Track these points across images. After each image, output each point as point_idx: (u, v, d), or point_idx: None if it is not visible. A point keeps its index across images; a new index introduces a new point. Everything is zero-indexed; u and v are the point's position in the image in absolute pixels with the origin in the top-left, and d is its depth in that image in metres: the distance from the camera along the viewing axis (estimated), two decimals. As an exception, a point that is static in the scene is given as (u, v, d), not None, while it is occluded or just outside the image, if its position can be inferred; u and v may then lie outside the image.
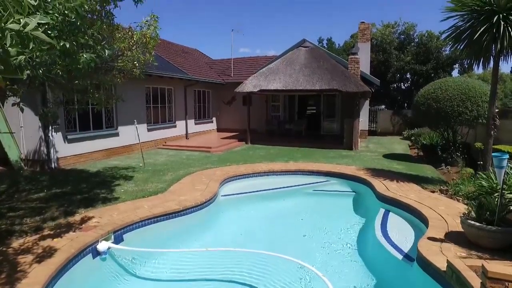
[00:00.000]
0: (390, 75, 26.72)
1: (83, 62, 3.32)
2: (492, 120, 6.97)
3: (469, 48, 6.95)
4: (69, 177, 8.37)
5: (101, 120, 11.37)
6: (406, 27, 27.88)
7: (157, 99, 14.35)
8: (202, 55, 23.68)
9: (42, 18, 1.24)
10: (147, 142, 13.28)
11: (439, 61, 25.66)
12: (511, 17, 6.02)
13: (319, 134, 17.42)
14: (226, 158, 11.37)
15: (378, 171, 8.88)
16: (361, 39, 17.79)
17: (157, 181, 7.92)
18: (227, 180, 8.20)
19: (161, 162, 10.56)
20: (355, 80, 13.05)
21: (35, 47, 1.33)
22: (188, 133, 16.41)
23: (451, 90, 9.64)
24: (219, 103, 19.57)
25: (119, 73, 6.80)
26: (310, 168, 9.18)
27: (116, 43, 6.25)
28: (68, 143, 10.01)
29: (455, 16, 7.05)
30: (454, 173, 8.91)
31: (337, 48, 35.65)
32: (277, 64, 15.16)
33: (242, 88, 14.47)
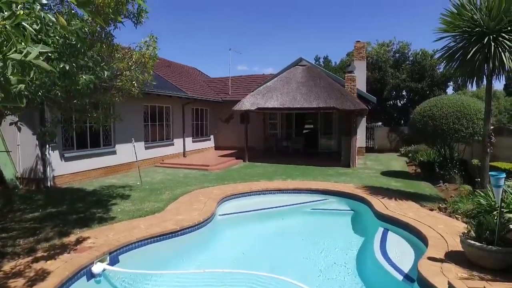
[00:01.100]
0: (386, 93, 27.08)
1: (82, 83, 3.35)
2: (488, 137, 7.03)
3: (462, 67, 7.08)
4: (65, 196, 8.28)
5: (98, 138, 11.36)
6: (401, 46, 28.50)
7: (155, 117, 14.41)
8: (200, 73, 23.97)
9: (43, 47, 1.27)
10: (144, 160, 13.24)
11: (433, 79, 26.10)
12: (501, 38, 6.18)
13: (317, 152, 17.46)
14: (224, 176, 11.32)
15: (376, 189, 8.85)
16: (357, 58, 18.11)
17: (154, 200, 7.84)
18: (225, 199, 8.13)
19: (158, 181, 10.50)
20: (351, 98, 13.19)
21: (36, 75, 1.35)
22: (186, 151, 16.39)
23: (446, 108, 9.75)
24: (217, 121, 19.66)
25: (118, 92, 6.85)
26: (308, 187, 9.14)
27: (115, 63, 6.33)
28: (65, 161, 9.96)
29: (448, 36, 7.22)
30: (452, 190, 8.89)
31: (333, 66, 36.19)
32: (275, 82, 15.34)
33: (240, 106, 14.58)
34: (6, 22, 1.13)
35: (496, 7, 6.20)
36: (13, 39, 1.12)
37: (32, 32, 1.24)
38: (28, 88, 2.26)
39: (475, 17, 6.51)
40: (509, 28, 6.21)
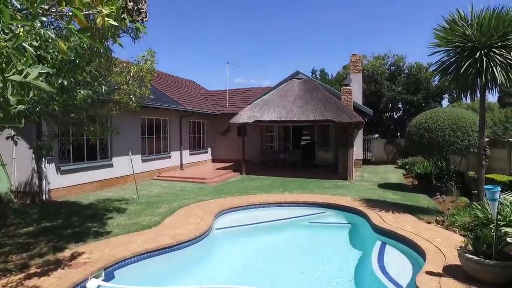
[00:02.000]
0: (382, 105, 27.33)
1: (80, 98, 3.37)
2: (482, 150, 7.09)
3: (456, 81, 7.19)
4: (61, 210, 8.20)
5: (95, 151, 11.33)
6: (396, 59, 28.92)
7: (152, 130, 14.42)
8: (197, 86, 24.12)
9: (43, 68, 1.29)
10: (141, 173, 13.18)
11: (429, 91, 26.42)
12: (492, 53, 6.30)
13: (314, 164, 17.47)
14: (221, 189, 11.27)
15: (373, 202, 8.84)
16: (353, 71, 18.33)
17: (150, 214, 7.78)
18: (222, 212, 8.09)
19: (155, 194, 10.43)
20: (348, 111, 13.30)
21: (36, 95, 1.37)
22: (183, 163, 16.36)
23: (442, 120, 9.84)
24: (214, 134, 19.68)
25: (115, 106, 6.89)
26: (305, 200, 9.12)
27: (113, 77, 6.39)
28: (61, 174, 9.90)
29: (441, 51, 7.36)
30: (449, 203, 8.90)
31: (330, 78, 36.60)
32: (272, 95, 15.46)
33: (237, 119, 14.64)
34: (7, 44, 1.15)
35: (486, 23, 6.35)
36: (14, 60, 1.15)
37: (32, 52, 1.27)
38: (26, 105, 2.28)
39: (467, 33, 6.66)
40: (499, 44, 6.34)
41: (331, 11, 62.59)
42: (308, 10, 63.48)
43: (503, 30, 6.29)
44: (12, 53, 1.17)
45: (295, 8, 63.78)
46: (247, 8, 64.80)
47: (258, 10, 65.42)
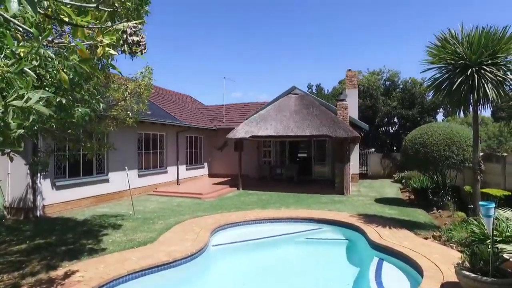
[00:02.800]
0: (378, 119, 27.55)
1: (78, 116, 3.40)
2: (477, 165, 7.16)
3: (449, 97, 7.31)
4: (55, 226, 8.10)
5: (91, 166, 11.28)
6: (391, 74, 29.35)
7: (149, 144, 14.42)
8: (194, 101, 24.28)
9: (44, 93, 1.32)
10: (137, 188, 13.11)
11: (424, 106, 26.71)
12: (483, 71, 6.45)
13: (311, 179, 17.46)
14: (217, 205, 11.21)
15: (370, 217, 8.82)
16: (348, 86, 18.57)
17: (146, 230, 7.71)
18: (219, 228, 8.02)
19: (151, 210, 10.35)
20: (344, 126, 13.41)
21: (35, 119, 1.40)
22: (180, 178, 16.29)
23: (436, 135, 9.94)
24: (211, 149, 19.70)
25: (112, 122, 6.92)
26: (302, 215, 9.09)
27: (111, 93, 6.45)
28: (56, 190, 9.82)
29: (434, 68, 7.52)
30: (446, 217, 8.90)
31: (326, 93, 36.96)
32: (268, 110, 15.58)
33: (234, 134, 14.70)
34: (9, 69, 1.19)
35: (476, 42, 6.53)
36: (16, 86, 1.18)
37: (33, 77, 1.30)
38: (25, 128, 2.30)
39: (458, 51, 6.83)
40: (489, 62, 6.50)
41: (327, 27, 63.86)
42: (305, 26, 64.75)
43: (492, 49, 6.47)
44: (14, 78, 1.20)
45: (292, 24, 65.04)
46: (244, 23, 65.99)
47: (255, 25, 66.61)
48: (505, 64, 6.64)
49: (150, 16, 5.39)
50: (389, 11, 58.36)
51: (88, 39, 1.49)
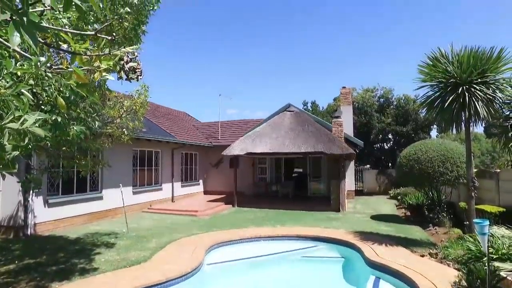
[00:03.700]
0: (373, 136, 27.77)
1: (73, 134, 3.41)
2: (471, 182, 7.21)
3: (442, 114, 7.44)
4: (46, 245, 7.93)
5: (85, 183, 11.16)
6: (384, 92, 29.80)
7: (144, 161, 14.35)
8: (190, 117, 24.37)
9: (40, 114, 1.34)
10: (131, 206, 12.94)
11: (417, 122, 27.02)
12: (473, 89, 6.60)
13: (306, 196, 17.40)
14: (212, 222, 11.09)
15: (366, 234, 8.76)
16: (343, 103, 18.79)
17: (140, 249, 7.58)
18: (214, 247, 7.91)
19: (145, 227, 10.20)
20: (339, 142, 13.49)
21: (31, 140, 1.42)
22: (174, 196, 16.15)
23: (431, 152, 10.03)
24: (206, 166, 19.63)
25: (108, 139, 6.91)
26: (298, 233, 9.00)
27: (106, 110, 6.47)
28: (49, 207, 9.67)
29: (426, 86, 7.68)
30: (442, 234, 8.88)
31: (321, 110, 37.31)
32: (264, 127, 15.67)
33: (229, 151, 14.71)
34: (7, 91, 1.21)
35: (466, 61, 6.71)
36: (12, 108, 1.20)
37: (30, 98, 1.32)
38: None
39: (449, 69, 7.00)
40: (479, 80, 6.66)
41: (322, 45, 65.15)
42: (300, 44, 66.03)
43: (481, 68, 6.65)
44: (10, 100, 1.22)
45: (287, 42, 66.30)
46: (240, 41, 67.13)
47: (250, 43, 67.77)
48: (494, 83, 6.81)
49: (147, 34, 5.48)
50: (382, 28, 59.87)
51: (86, 64, 1.53)
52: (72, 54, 1.47)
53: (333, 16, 58.64)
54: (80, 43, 1.50)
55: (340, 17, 58.76)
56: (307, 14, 59.92)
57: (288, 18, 62.53)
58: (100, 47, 1.57)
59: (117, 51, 1.63)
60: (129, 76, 1.85)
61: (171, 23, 62.93)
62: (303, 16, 60.84)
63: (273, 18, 63.46)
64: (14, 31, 0.89)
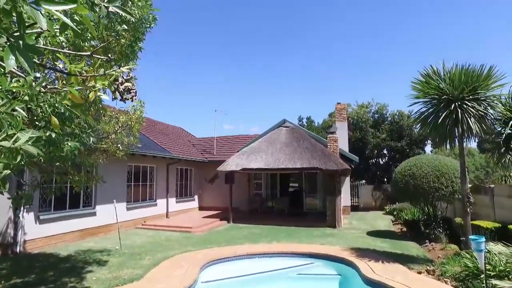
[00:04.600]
0: (368, 152, 27.88)
1: (67, 150, 3.38)
2: (466, 197, 7.22)
3: (435, 130, 7.52)
4: (35, 263, 7.74)
5: (78, 198, 11.01)
6: (379, 107, 30.13)
7: (138, 177, 14.23)
8: (185, 133, 24.36)
9: (34, 133, 1.33)
10: (125, 222, 12.75)
11: (412, 138, 27.23)
12: (465, 106, 6.71)
13: (302, 212, 17.28)
14: (207, 239, 10.94)
15: (363, 251, 8.68)
16: (338, 118, 18.94)
17: (133, 266, 7.42)
18: (208, 264, 7.77)
19: (139, 244, 10.02)
20: (334, 158, 13.53)
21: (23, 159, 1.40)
22: (169, 211, 15.96)
23: (425, 167, 10.09)
24: (201, 181, 19.50)
25: (102, 154, 6.87)
26: (294, 250, 8.90)
27: (101, 125, 6.45)
28: (40, 224, 9.48)
29: (420, 102, 7.79)
30: (439, 250, 8.83)
31: (316, 126, 37.54)
32: (259, 143, 15.69)
33: (224, 167, 14.66)
34: (1, 109, 1.20)
35: (457, 78, 6.84)
36: (6, 127, 1.19)
37: (24, 116, 1.31)
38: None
39: (441, 86, 7.12)
40: (471, 97, 6.79)
41: (317, 61, 66.18)
42: (296, 60, 66.98)
43: (472, 85, 6.78)
44: (4, 118, 1.22)
45: (283, 57, 67.23)
46: (235, 57, 67.98)
47: (246, 59, 68.65)
48: (485, 100, 6.94)
49: (144, 51, 5.53)
50: (377, 45, 61.10)
51: (81, 84, 1.53)
52: (68, 75, 1.48)
53: (328, 30, 59.85)
54: (76, 63, 1.51)
55: (335, 32, 59.97)
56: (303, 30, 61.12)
57: (283, 34, 63.66)
58: (96, 67, 1.58)
59: (112, 71, 1.64)
60: (124, 96, 1.86)
61: (167, 38, 63.73)
62: (299, 31, 62.03)
63: (269, 34, 64.60)
64: (10, 54, 0.89)
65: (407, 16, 56.13)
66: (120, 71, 1.76)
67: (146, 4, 4.88)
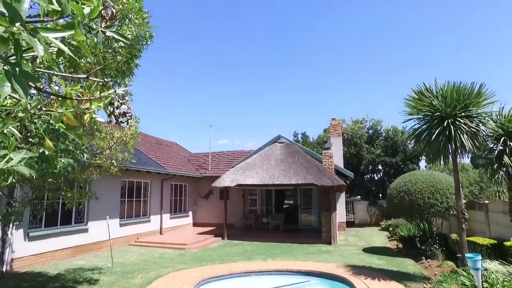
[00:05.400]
0: (363, 167, 27.97)
1: (60, 167, 3.35)
2: (461, 214, 7.23)
3: (429, 147, 7.59)
4: (22, 284, 7.50)
5: (70, 214, 10.80)
6: (373, 123, 30.43)
7: (132, 192, 14.07)
8: (180, 148, 24.28)
9: (27, 153, 1.32)
10: (118, 238, 12.52)
11: (406, 153, 27.42)
12: (458, 122, 6.81)
13: (297, 228, 17.12)
14: (201, 256, 10.75)
15: (359, 268, 8.58)
16: (333, 134, 19.05)
17: (125, 285, 7.24)
18: (202, 282, 7.61)
19: (131, 262, 9.81)
20: (329, 174, 13.53)
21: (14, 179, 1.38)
22: (163, 228, 15.72)
23: (420, 183, 10.12)
24: (196, 197, 19.33)
25: (96, 170, 6.80)
26: (289, 267, 8.77)
27: (95, 141, 6.41)
28: (29, 241, 9.24)
29: (413, 118, 7.89)
30: (436, 267, 8.75)
31: (311, 141, 37.69)
32: (254, 159, 15.67)
33: (219, 182, 14.57)
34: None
35: (449, 95, 6.96)
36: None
37: (18, 136, 1.30)
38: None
39: (434, 103, 7.23)
40: (463, 114, 6.89)
41: (312, 78, 67.06)
42: (291, 76, 67.79)
43: (464, 102, 6.90)
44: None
45: (279, 73, 68.04)
46: (231, 72, 68.61)
47: (242, 74, 69.33)
48: (477, 117, 7.05)
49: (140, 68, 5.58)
50: (372, 62, 62.20)
51: (76, 107, 1.54)
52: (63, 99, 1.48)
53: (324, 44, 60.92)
54: (72, 86, 1.52)
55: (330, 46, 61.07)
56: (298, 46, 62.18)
57: (278, 49, 64.68)
58: (91, 90, 1.58)
59: (108, 93, 1.65)
60: (119, 120, 1.86)
61: (162, 53, 64.32)
62: (293, 48, 63.08)
63: (265, 50, 65.57)
64: (6, 81, 0.89)
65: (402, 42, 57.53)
66: (116, 94, 1.76)
67: (143, 22, 4.95)
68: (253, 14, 57.81)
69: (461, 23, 55.93)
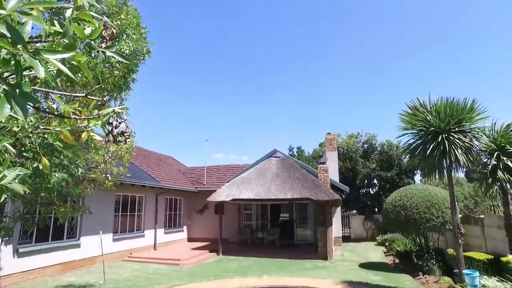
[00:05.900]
0: (358, 181, 27.98)
1: (54, 181, 3.31)
2: (457, 229, 7.22)
3: (424, 161, 7.64)
4: (12, 301, 7.29)
5: (62, 229, 10.60)
6: (368, 137, 30.63)
7: (126, 207, 13.89)
8: (176, 162, 24.16)
9: (21, 170, 1.31)
10: (111, 254, 12.28)
11: (401, 168, 27.53)
12: (452, 137, 6.89)
13: (293, 243, 16.94)
14: (196, 272, 10.55)
15: (355, 285, 8.47)
16: (328, 148, 19.10)
17: (116, 303, 7.05)
18: (196, 299, 7.45)
19: (124, 278, 9.60)
20: (325, 188, 13.50)
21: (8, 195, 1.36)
22: (157, 243, 15.46)
23: (416, 198, 10.13)
24: (191, 211, 19.13)
25: (90, 184, 6.73)
26: (285, 284, 8.64)
27: (90, 155, 6.36)
28: (18, 257, 8.99)
29: (408, 133, 7.96)
30: (433, 283, 8.67)
31: (306, 155, 37.75)
32: (250, 173, 15.61)
33: (214, 197, 14.45)
34: (-13, 147, 1.18)
35: (443, 111, 7.06)
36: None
37: (13, 152, 1.29)
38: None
39: (428, 118, 7.32)
40: (457, 129, 6.98)
41: (308, 92, 67.71)
42: (286, 90, 68.42)
43: (457, 117, 7.00)
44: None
45: (274, 88, 68.66)
46: (226, 87, 69.11)
47: (237, 88, 69.86)
48: (470, 132, 7.14)
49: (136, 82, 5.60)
50: (368, 77, 63.07)
51: (73, 126, 1.54)
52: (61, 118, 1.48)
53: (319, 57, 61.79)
54: (70, 103, 1.52)
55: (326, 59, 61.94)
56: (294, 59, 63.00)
57: (273, 63, 65.49)
58: (90, 109, 1.58)
59: (106, 111, 1.65)
60: (117, 140, 1.86)
61: (157, 67, 64.80)
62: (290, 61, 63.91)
63: (259, 62, 66.31)
64: (5, 103, 0.90)
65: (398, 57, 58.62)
66: (113, 113, 1.77)
67: (140, 37, 5.00)
68: (249, 28, 58.74)
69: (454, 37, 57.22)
